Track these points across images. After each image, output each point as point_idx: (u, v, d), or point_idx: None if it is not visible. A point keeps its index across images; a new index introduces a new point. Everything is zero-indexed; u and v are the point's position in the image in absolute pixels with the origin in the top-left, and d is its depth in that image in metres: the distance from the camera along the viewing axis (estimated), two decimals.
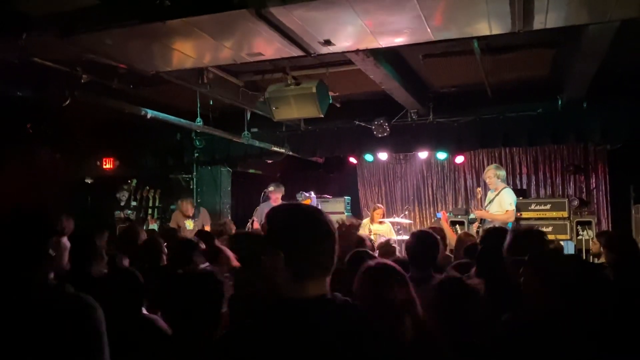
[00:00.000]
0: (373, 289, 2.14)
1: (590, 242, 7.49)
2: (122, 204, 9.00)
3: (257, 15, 3.68)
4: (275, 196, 7.83)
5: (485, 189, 7.20)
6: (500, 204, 6.54)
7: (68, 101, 5.20)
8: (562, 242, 7.75)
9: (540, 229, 3.99)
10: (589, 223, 8.37)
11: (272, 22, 3.84)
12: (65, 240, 2.00)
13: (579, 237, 8.24)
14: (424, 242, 3.47)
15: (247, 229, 7.12)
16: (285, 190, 8.07)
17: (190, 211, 8.09)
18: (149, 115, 6.31)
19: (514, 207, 6.55)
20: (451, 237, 5.71)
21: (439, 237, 3.65)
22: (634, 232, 7.65)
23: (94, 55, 4.60)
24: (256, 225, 7.63)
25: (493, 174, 6.69)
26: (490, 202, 6.73)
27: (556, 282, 2.43)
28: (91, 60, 4.83)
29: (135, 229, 5.11)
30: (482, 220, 6.72)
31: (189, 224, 8.05)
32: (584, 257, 7.51)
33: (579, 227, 8.38)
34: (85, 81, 5.45)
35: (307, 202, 8.00)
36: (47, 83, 5.46)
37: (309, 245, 1.55)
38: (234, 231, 6.39)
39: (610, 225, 9.23)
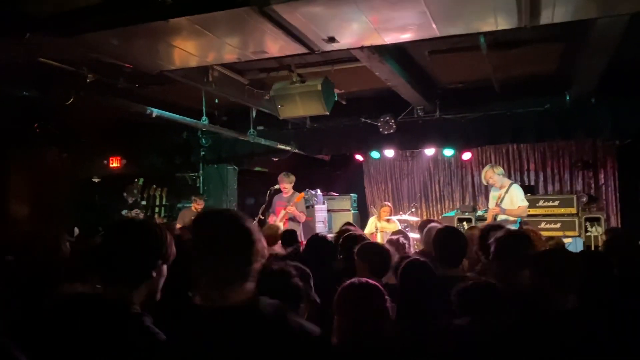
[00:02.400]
0: (347, 307, 2.21)
1: (599, 239, 7.42)
2: (130, 202, 9.00)
3: (260, 12, 3.65)
4: (283, 186, 7.71)
5: (486, 188, 7.10)
6: (512, 200, 6.42)
7: (71, 100, 5.18)
8: (570, 239, 7.71)
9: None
10: (597, 219, 8.28)
11: (275, 19, 3.81)
12: (164, 268, 1.89)
13: (588, 234, 8.15)
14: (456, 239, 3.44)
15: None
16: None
17: (200, 206, 8.12)
18: (154, 114, 6.31)
19: (526, 202, 6.45)
20: None
21: None
22: None
23: (98, 55, 4.59)
24: (271, 220, 7.62)
25: (493, 174, 6.53)
26: (500, 200, 6.59)
27: (564, 280, 2.40)
28: (96, 60, 4.83)
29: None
30: (495, 218, 6.58)
31: None
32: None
33: (587, 224, 8.29)
34: (91, 80, 5.46)
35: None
36: (52, 83, 5.48)
37: (220, 252, 1.57)
38: None
39: (619, 221, 9.14)
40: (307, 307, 2.22)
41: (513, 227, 6.15)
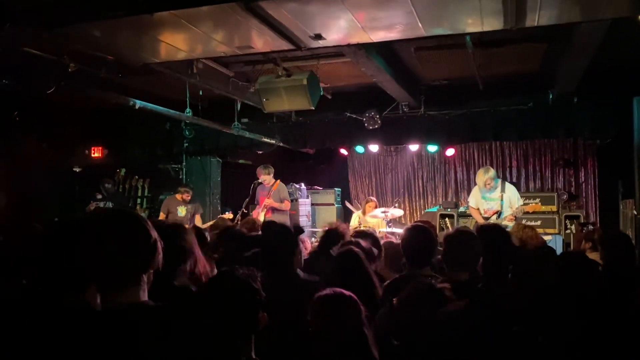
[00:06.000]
0: (323, 319, 2.13)
1: (573, 237, 7.53)
2: (99, 197, 8.83)
3: (246, 8, 3.63)
4: (262, 178, 7.68)
5: (469, 184, 7.11)
6: (510, 201, 6.48)
7: (52, 90, 5.09)
8: (550, 236, 7.83)
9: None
10: (577, 217, 8.43)
11: (261, 15, 3.79)
12: None
13: (567, 231, 8.30)
14: (422, 238, 3.25)
15: (236, 221, 7.07)
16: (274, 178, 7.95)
17: (187, 197, 8.05)
18: (137, 106, 6.23)
19: (522, 201, 6.59)
20: None
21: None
22: (621, 226, 7.70)
23: (81, 47, 4.52)
24: (254, 214, 7.63)
25: (491, 180, 6.51)
26: (501, 201, 6.55)
27: (533, 284, 2.44)
28: (78, 49, 4.75)
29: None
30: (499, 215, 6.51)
31: (182, 211, 8.00)
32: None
33: (567, 221, 8.43)
34: (73, 70, 5.35)
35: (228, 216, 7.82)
36: (33, 72, 5.37)
37: (104, 253, 1.57)
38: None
39: (598, 219, 9.29)
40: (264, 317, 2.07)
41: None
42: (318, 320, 2.12)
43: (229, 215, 7.85)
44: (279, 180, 7.87)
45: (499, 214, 6.51)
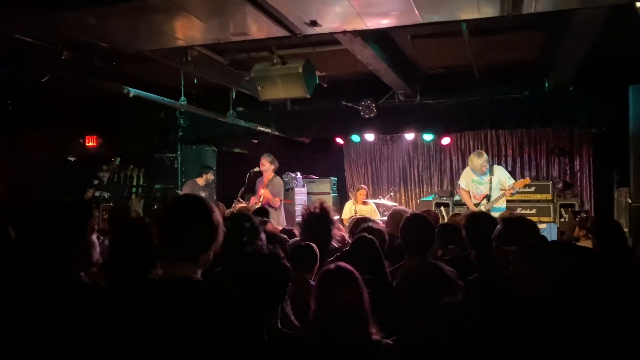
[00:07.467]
0: (324, 291, 2.17)
1: (567, 225, 7.56)
2: (96, 182, 8.76)
3: None
4: (262, 163, 7.63)
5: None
6: (500, 181, 6.56)
7: (46, 78, 5.04)
8: (545, 225, 7.87)
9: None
10: (572, 205, 8.47)
11: (256, 1, 3.75)
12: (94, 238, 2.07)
13: (562, 220, 8.33)
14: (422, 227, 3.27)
15: (232, 209, 7.05)
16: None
17: (212, 177, 8.07)
18: (131, 94, 6.19)
19: (513, 180, 6.64)
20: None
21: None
22: (615, 215, 7.74)
23: (74, 34, 4.47)
24: (252, 201, 7.60)
25: (485, 162, 6.60)
26: (489, 184, 6.62)
27: (546, 273, 2.43)
28: (72, 37, 4.70)
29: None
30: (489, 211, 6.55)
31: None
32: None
33: (562, 210, 8.47)
34: (67, 58, 5.30)
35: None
36: (27, 60, 5.31)
37: (168, 230, 1.89)
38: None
39: (592, 207, 9.33)
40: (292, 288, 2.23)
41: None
42: (320, 293, 2.15)
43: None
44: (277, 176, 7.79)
45: (487, 197, 6.54)
